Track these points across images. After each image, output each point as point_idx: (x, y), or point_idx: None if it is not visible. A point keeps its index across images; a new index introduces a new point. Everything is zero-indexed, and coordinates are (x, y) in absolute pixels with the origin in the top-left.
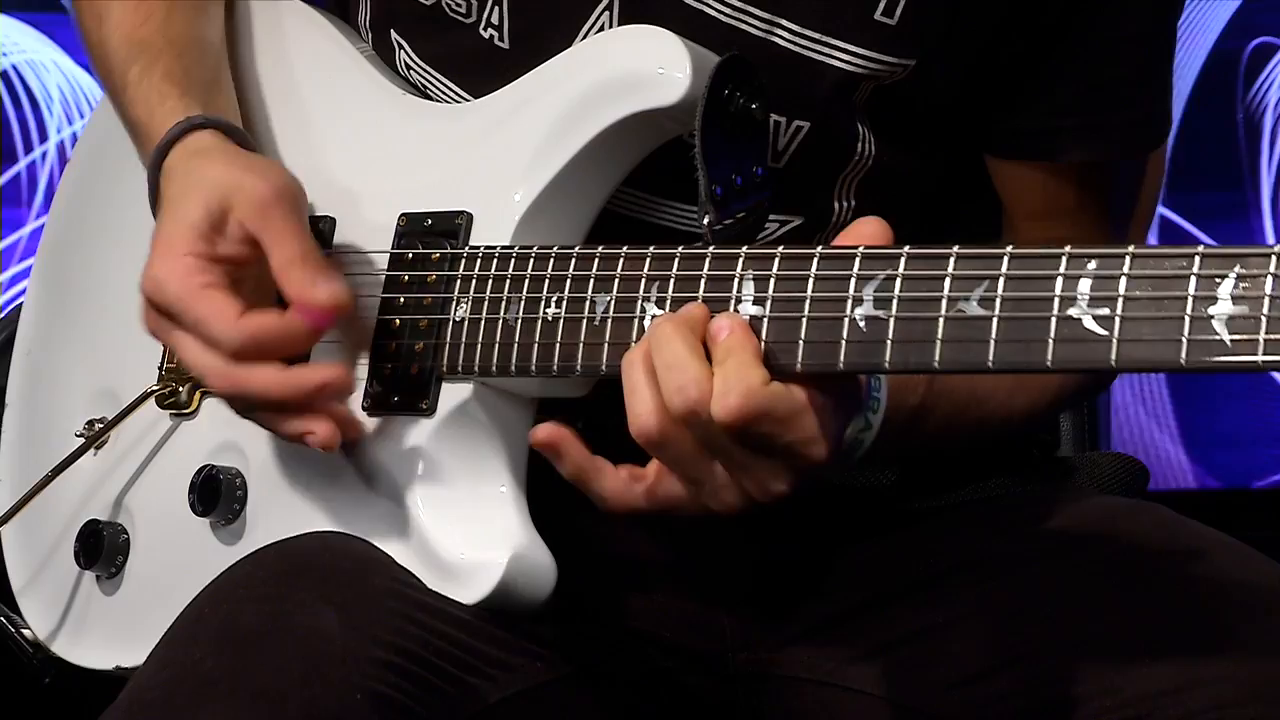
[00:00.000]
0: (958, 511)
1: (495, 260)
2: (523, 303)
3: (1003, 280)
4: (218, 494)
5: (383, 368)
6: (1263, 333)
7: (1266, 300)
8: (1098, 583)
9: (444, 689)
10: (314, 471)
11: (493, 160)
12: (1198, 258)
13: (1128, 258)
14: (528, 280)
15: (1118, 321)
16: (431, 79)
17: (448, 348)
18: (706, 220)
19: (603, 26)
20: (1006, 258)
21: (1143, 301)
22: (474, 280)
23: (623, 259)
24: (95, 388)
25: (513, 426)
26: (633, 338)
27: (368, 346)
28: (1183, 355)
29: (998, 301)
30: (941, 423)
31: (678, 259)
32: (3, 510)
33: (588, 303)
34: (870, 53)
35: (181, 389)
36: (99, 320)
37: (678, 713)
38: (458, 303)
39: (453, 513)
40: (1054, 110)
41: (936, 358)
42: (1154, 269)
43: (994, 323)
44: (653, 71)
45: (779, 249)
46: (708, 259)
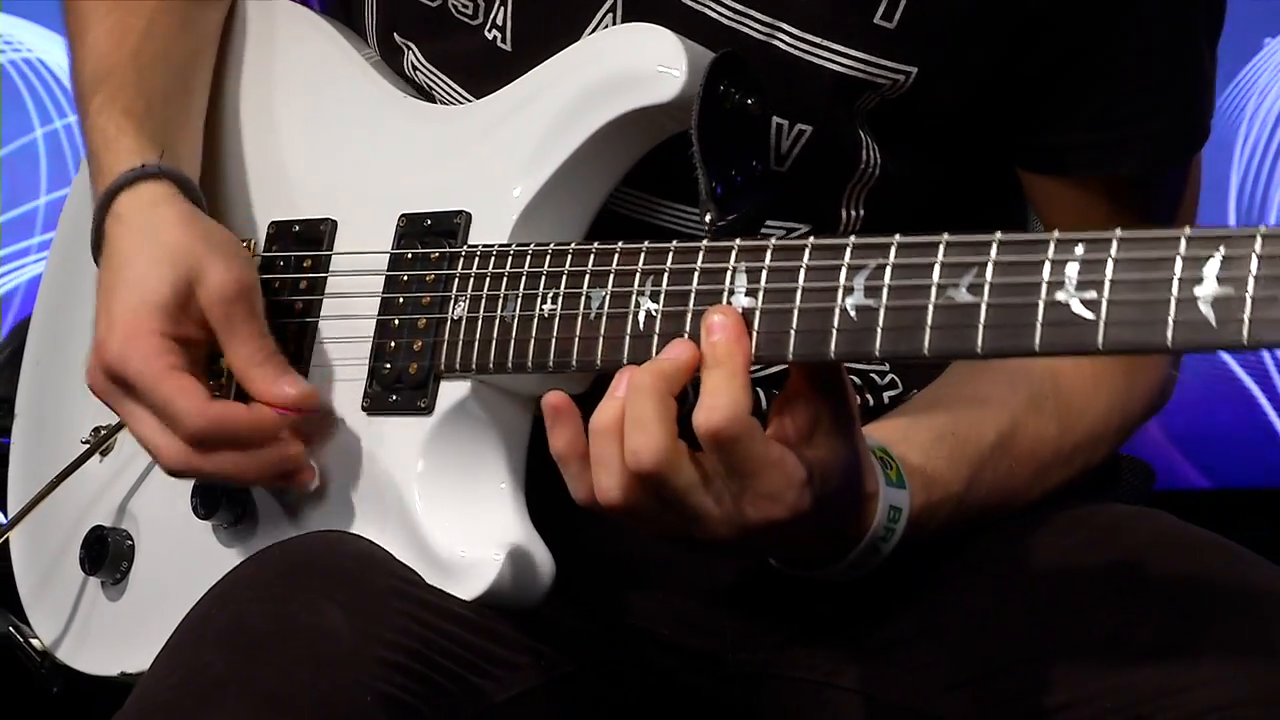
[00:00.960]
0: None
1: (493, 258)
2: (519, 300)
3: (991, 266)
4: (220, 497)
5: (381, 368)
6: (1248, 313)
7: (1251, 280)
8: (1098, 585)
9: (449, 689)
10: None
11: (491, 160)
12: (1183, 239)
13: (1115, 241)
14: (524, 277)
15: (1105, 305)
16: (437, 80)
17: (445, 346)
18: (708, 218)
19: (606, 29)
20: (995, 244)
21: (1129, 284)
22: (471, 279)
23: (618, 254)
24: None
25: (511, 424)
26: (627, 332)
27: (367, 347)
28: (1169, 336)
29: (986, 288)
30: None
31: (671, 253)
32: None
33: (583, 298)
34: (870, 57)
35: None
36: None
37: (678, 712)
38: (455, 301)
39: (451, 510)
40: (1072, 126)
41: (926, 345)
42: (1140, 251)
43: (983, 309)
44: (649, 68)
45: (771, 240)
46: (701, 252)
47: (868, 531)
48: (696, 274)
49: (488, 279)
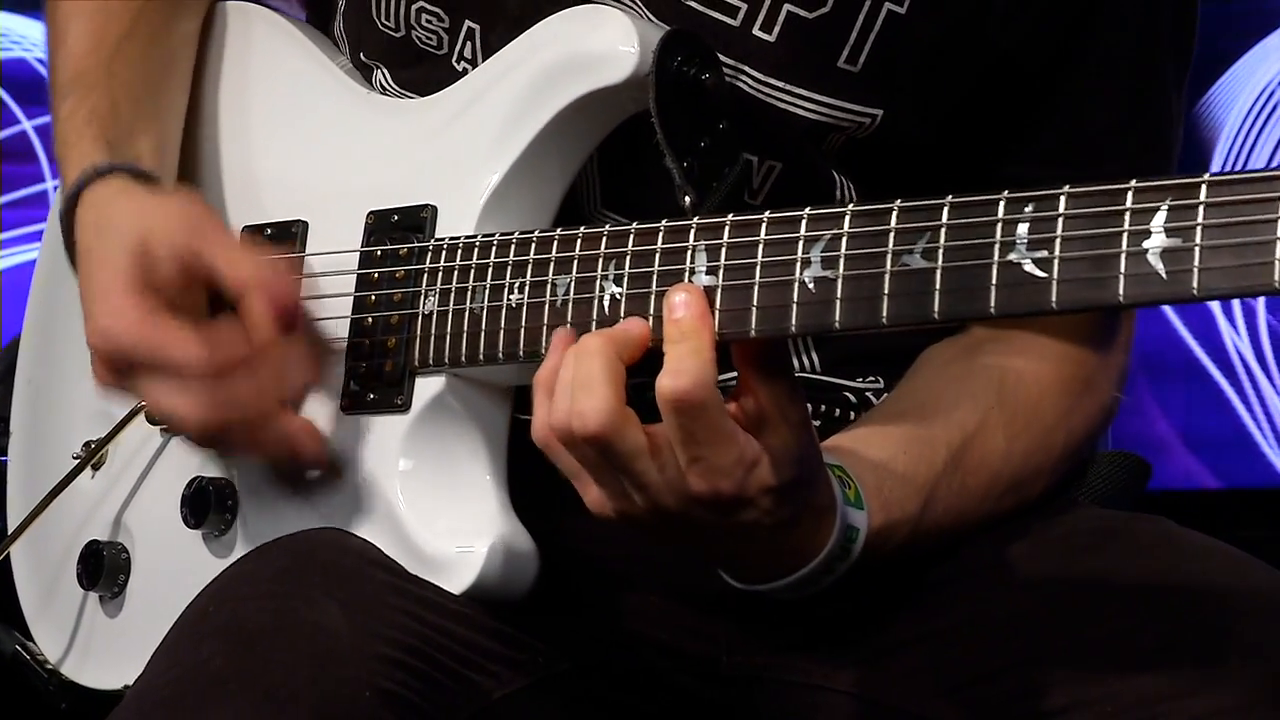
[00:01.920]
0: None
1: (460, 251)
2: (487, 291)
3: (944, 230)
4: (208, 504)
5: (358, 366)
6: (1196, 263)
7: (1199, 229)
8: (1097, 590)
9: (448, 685)
10: (300, 475)
11: (453, 151)
12: (1130, 192)
13: (1063, 197)
14: (491, 268)
15: (1056, 263)
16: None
17: (419, 342)
18: (688, 201)
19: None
20: (947, 207)
21: (1079, 240)
22: (440, 272)
23: (580, 239)
24: (92, 410)
25: (489, 417)
26: (593, 318)
27: (343, 347)
28: (1120, 291)
29: (940, 252)
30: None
31: (633, 235)
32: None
33: (549, 286)
34: (834, 100)
35: None
36: None
37: (674, 713)
38: (426, 296)
39: (434, 505)
40: (1040, 159)
41: (884, 314)
42: (1089, 206)
43: (938, 274)
44: (601, 49)
45: (728, 216)
46: (661, 233)
47: (824, 547)
48: (658, 255)
49: (456, 272)
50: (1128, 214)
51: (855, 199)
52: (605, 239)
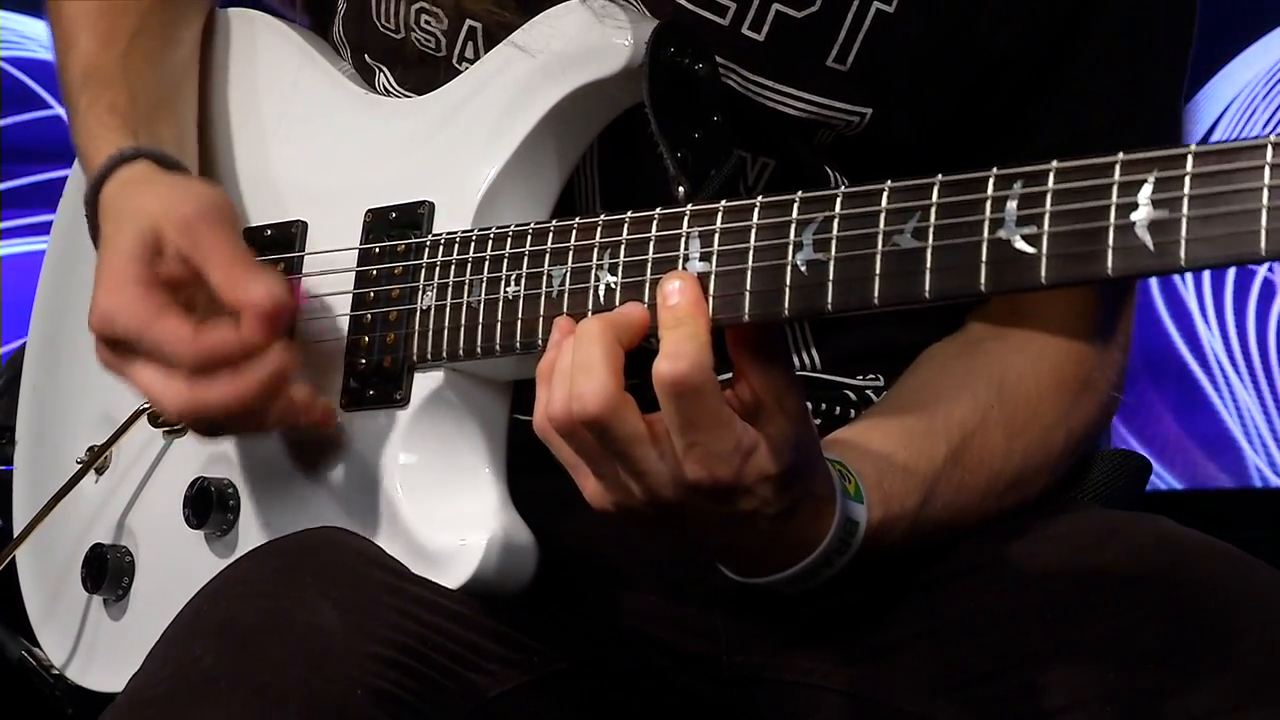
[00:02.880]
0: None
1: (456, 245)
2: (484, 284)
3: (934, 209)
4: (210, 505)
5: (357, 363)
6: (1183, 234)
7: (1185, 200)
8: (1096, 588)
9: (443, 684)
10: (301, 472)
11: (450, 148)
12: (1118, 165)
13: (1051, 173)
14: (488, 261)
15: (1045, 238)
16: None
17: (416, 337)
18: (682, 192)
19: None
20: (937, 186)
21: (1068, 215)
22: (437, 267)
23: (575, 230)
24: (96, 415)
25: (488, 411)
26: (589, 308)
27: (343, 344)
28: (1109, 265)
29: (930, 230)
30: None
31: (627, 224)
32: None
33: (545, 277)
34: (823, 99)
35: None
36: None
37: (672, 712)
38: (424, 291)
39: (433, 499)
40: (1038, 159)
41: (876, 294)
42: (1077, 180)
43: (928, 253)
44: (595, 42)
45: (721, 203)
46: (655, 220)
47: (823, 540)
48: (652, 243)
49: (453, 266)
50: (1115, 187)
51: None
52: (600, 229)
